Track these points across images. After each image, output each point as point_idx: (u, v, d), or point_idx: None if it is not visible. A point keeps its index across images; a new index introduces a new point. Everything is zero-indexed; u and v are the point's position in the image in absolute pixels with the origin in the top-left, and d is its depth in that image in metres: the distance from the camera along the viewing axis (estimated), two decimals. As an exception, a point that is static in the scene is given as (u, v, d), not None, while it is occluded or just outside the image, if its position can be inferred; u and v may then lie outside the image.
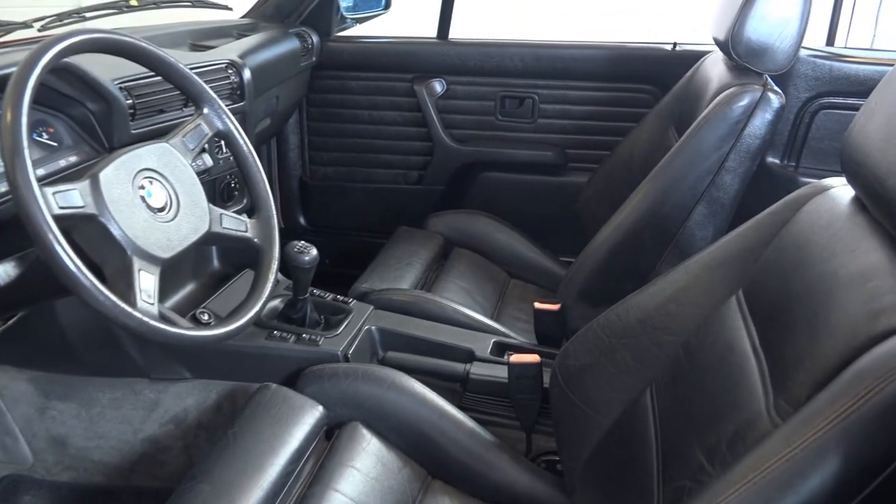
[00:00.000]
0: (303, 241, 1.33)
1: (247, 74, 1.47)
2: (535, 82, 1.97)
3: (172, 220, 0.99)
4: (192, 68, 1.34)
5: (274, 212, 1.15)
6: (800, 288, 0.79)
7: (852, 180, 0.82)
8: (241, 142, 1.14)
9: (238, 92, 1.46)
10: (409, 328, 1.43)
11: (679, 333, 1.00)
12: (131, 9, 1.74)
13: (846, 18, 1.78)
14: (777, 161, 1.76)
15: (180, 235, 0.99)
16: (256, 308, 1.06)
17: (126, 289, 0.88)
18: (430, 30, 2.04)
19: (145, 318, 0.86)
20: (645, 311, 1.06)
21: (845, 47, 1.75)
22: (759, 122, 1.26)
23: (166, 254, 0.95)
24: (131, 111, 1.20)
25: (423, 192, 2.12)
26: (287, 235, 2.24)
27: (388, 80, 2.03)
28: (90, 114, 1.16)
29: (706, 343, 0.94)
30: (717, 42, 1.43)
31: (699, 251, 1.35)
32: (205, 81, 1.36)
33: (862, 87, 1.64)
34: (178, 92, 1.29)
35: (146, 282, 0.91)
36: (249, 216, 1.15)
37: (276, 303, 1.47)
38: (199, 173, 1.19)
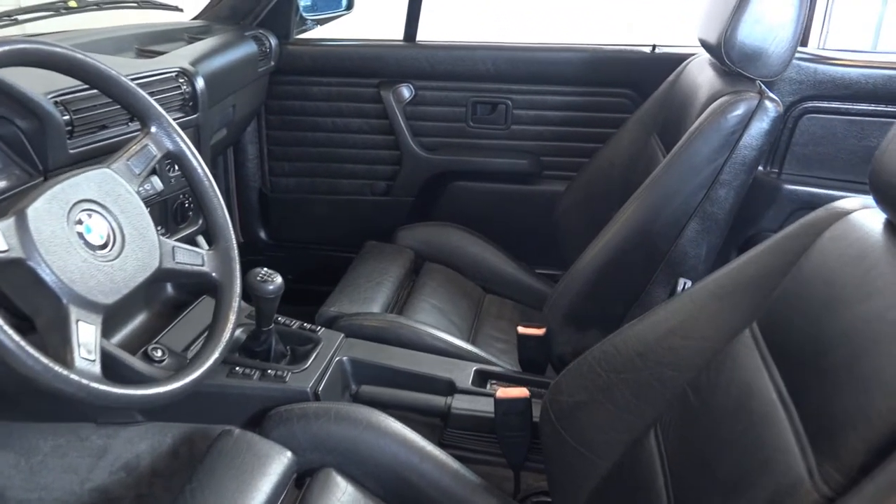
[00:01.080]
0: (266, 269, 1.21)
1: (200, 83, 1.34)
2: (509, 87, 1.87)
3: (116, 258, 0.87)
4: (138, 78, 1.23)
5: (234, 242, 1.03)
6: (835, 331, 0.71)
7: (885, 204, 0.74)
8: (195, 163, 1.02)
9: (191, 103, 1.33)
10: (383, 358, 1.32)
11: (685, 369, 0.91)
12: (70, 11, 1.60)
13: (830, 19, 1.72)
14: (759, 168, 1.69)
15: (126, 276, 0.87)
16: (216, 356, 0.94)
17: (61, 344, 0.76)
18: (396, 32, 1.93)
19: (84, 381, 0.74)
20: (645, 344, 0.98)
21: (825, 48, 1.69)
22: (756, 132, 1.19)
23: (109, 299, 0.83)
24: (68, 128, 1.07)
25: (391, 203, 2.00)
26: (247, 251, 2.14)
27: (352, 85, 1.91)
28: (20, 132, 1.02)
29: (719, 382, 0.85)
30: (707, 46, 1.35)
31: (692, 269, 1.28)
32: (153, 92, 1.25)
33: (848, 91, 1.58)
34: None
35: (86, 334, 0.79)
36: (208, 243, 1.03)
37: (237, 333, 1.34)
38: (147, 199, 1.07)
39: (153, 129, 0.98)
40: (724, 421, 0.81)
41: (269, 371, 1.23)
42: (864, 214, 0.80)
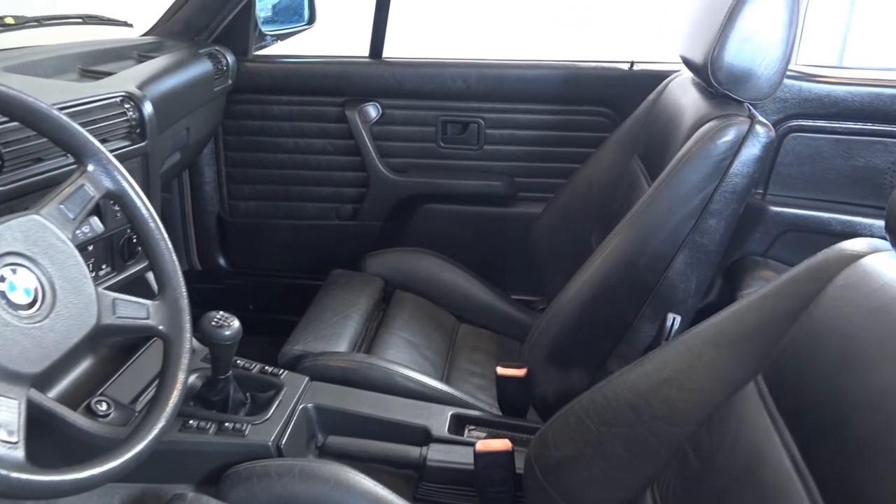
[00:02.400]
0: (222, 312, 1.11)
1: (147, 108, 1.23)
2: (481, 105, 1.79)
3: (45, 318, 0.76)
4: (77, 105, 1.12)
5: (184, 290, 0.92)
6: (857, 397, 0.63)
7: None
8: (139, 203, 0.91)
9: (138, 130, 1.22)
10: (351, 403, 1.22)
11: (682, 424, 0.84)
12: (6, 28, 1.47)
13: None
14: None
15: (56, 338, 0.76)
16: (161, 424, 0.84)
17: (-27, 429, 0.65)
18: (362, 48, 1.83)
19: (2, 471, 0.63)
20: (638, 395, 0.90)
21: (808, 65, 1.63)
22: (747, 159, 1.11)
23: (37, 367, 0.73)
24: None
25: (358, 228, 1.90)
26: (206, 279, 2.02)
27: (315, 104, 1.81)
28: None
29: (723, 442, 0.78)
30: (691, 66, 1.27)
31: (681, 303, 1.21)
32: (95, 120, 1.14)
33: (833, 110, 1.52)
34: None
35: (7, 412, 0.68)
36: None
37: (192, 379, 1.24)
38: (84, 244, 0.96)
39: (90, 168, 0.87)
40: (731, 489, 0.73)
41: (227, 424, 1.12)
42: (878, 259, 0.73)
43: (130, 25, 1.73)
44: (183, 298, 0.92)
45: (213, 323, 1.09)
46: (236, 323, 1.10)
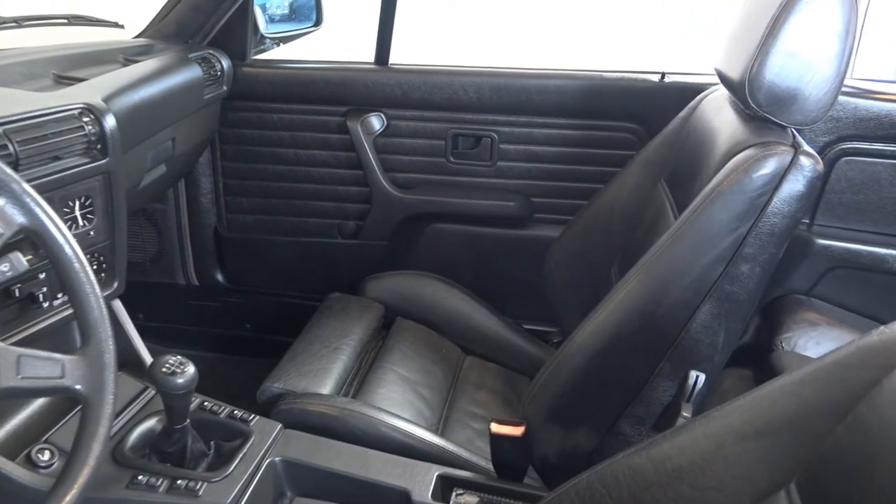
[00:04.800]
0: (178, 357, 0.98)
1: (109, 122, 1.10)
2: (494, 118, 1.63)
3: (-78, 384, 0.63)
4: (26, 118, 1.00)
5: (111, 343, 0.79)
6: None
7: None
8: (61, 240, 0.78)
9: (98, 146, 1.10)
10: (326, 458, 1.09)
11: None
12: (-21, 29, 1.37)
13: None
14: None
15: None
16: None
17: None
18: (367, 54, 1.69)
19: None
20: (644, 486, 0.73)
21: (866, 79, 1.44)
22: (788, 196, 0.94)
23: None
24: None
25: (359, 247, 1.76)
26: (202, 296, 1.90)
27: (316, 113, 1.67)
28: None
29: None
30: (727, 83, 1.10)
31: (705, 360, 1.03)
32: (48, 135, 1.02)
33: (894, 131, 1.33)
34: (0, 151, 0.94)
35: None
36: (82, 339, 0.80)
37: (152, 423, 1.11)
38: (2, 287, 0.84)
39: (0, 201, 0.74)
40: None
41: (180, 481, 1.00)
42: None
43: (122, 27, 1.62)
44: (109, 353, 0.79)
45: (165, 369, 0.96)
46: (191, 369, 0.97)
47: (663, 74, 1.56)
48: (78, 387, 0.76)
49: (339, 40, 2.08)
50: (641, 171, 1.37)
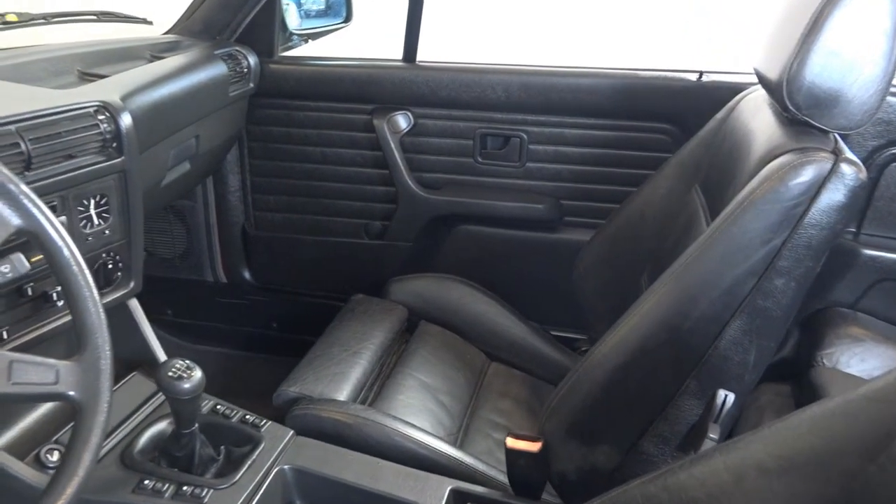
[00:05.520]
0: (186, 361, 0.96)
1: (125, 121, 1.09)
2: (524, 118, 1.58)
3: None
4: (39, 116, 0.99)
5: (107, 350, 0.77)
6: None
7: None
8: (59, 243, 0.76)
9: (113, 144, 1.08)
10: (337, 468, 1.06)
11: None
12: (8, 26, 1.37)
13: None
14: None
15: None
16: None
17: None
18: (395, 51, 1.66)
19: None
20: None
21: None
22: (827, 206, 0.87)
23: None
24: None
25: (385, 248, 1.73)
26: (230, 293, 1.89)
27: (342, 111, 1.64)
28: None
29: None
30: (765, 83, 1.04)
31: (735, 379, 0.97)
32: (61, 133, 1.01)
33: None
34: (11, 150, 0.93)
35: None
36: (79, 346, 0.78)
37: (162, 425, 1.10)
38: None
39: (-5, 201, 0.73)
40: None
41: (186, 487, 0.98)
42: None
43: (150, 23, 1.61)
44: (104, 359, 0.77)
45: (172, 373, 0.95)
46: (198, 374, 0.95)
47: (701, 73, 1.49)
48: (72, 393, 0.74)
49: (368, 37, 2.04)
50: (675, 174, 1.31)
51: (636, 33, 3.75)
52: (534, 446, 1.04)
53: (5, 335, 0.97)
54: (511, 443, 1.05)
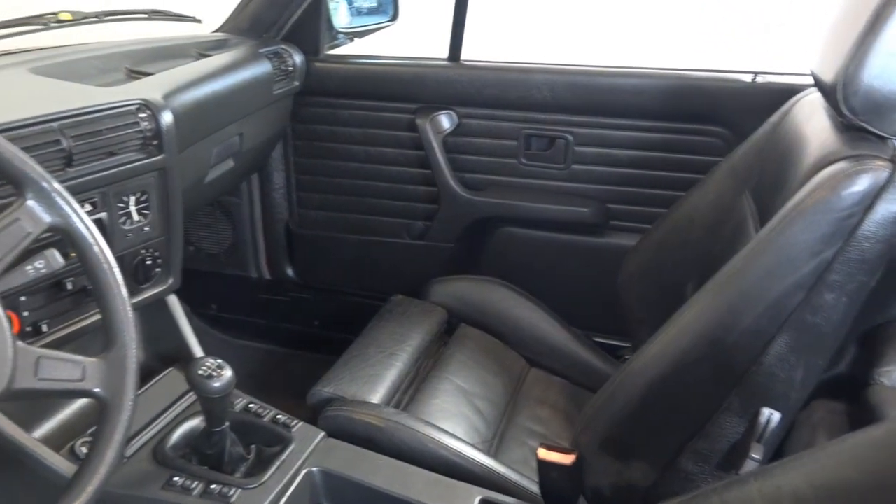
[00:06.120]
0: (217, 360, 0.96)
1: (166, 119, 1.10)
2: (570, 118, 1.54)
3: (-70, 384, 0.63)
4: (82, 114, 1.00)
5: (133, 348, 0.78)
6: None
7: None
8: (90, 240, 0.77)
9: (154, 142, 1.09)
10: (365, 471, 1.04)
11: None
12: (62, 24, 1.41)
13: None
14: None
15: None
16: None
17: None
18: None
19: None
20: None
21: None
22: (884, 218, 0.82)
23: None
24: None
25: (426, 249, 1.72)
26: (273, 290, 1.90)
27: (386, 109, 1.64)
28: None
29: None
30: (821, 86, 0.98)
31: (780, 398, 0.93)
32: (103, 130, 1.02)
33: None
34: (53, 147, 0.95)
35: None
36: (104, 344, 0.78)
37: (195, 422, 1.11)
38: (32, 281, 0.84)
39: (29, 200, 0.74)
40: None
41: (214, 486, 0.98)
42: None
43: (199, 21, 1.63)
44: (131, 357, 0.77)
45: (202, 371, 0.95)
46: (228, 373, 0.95)
47: (755, 74, 1.43)
48: (97, 390, 0.75)
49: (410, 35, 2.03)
50: (725, 179, 1.26)
51: (690, 33, 3.66)
52: (567, 459, 1.00)
53: (45, 328, 0.99)
54: (543, 454, 1.02)
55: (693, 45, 3.55)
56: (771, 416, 0.91)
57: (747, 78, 1.43)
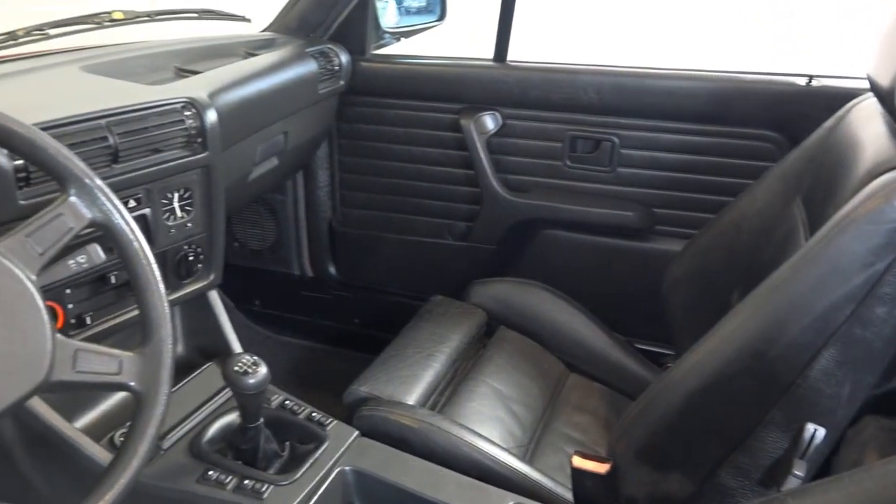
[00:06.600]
0: (253, 357, 0.97)
1: (211, 117, 1.12)
2: (616, 121, 1.51)
3: (-30, 374, 0.65)
4: (129, 111, 1.02)
5: (169, 343, 0.79)
6: None
7: None
8: (130, 236, 0.78)
9: (198, 140, 1.11)
10: (397, 473, 1.04)
11: None
12: (115, 23, 1.44)
13: None
14: None
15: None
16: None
17: None
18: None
19: None
20: None
21: None
22: None
23: None
24: (22, 175, 0.87)
25: (467, 250, 1.71)
26: (316, 287, 1.92)
27: (430, 110, 1.63)
28: None
29: None
30: (877, 91, 0.94)
31: (826, 413, 0.89)
32: (149, 127, 1.04)
33: None
34: (100, 143, 0.97)
35: None
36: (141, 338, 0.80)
37: (232, 417, 1.12)
38: (74, 275, 0.85)
39: (72, 195, 0.75)
40: None
41: (247, 481, 0.99)
42: None
43: (248, 20, 1.65)
44: (167, 352, 0.78)
45: (237, 368, 0.96)
46: (263, 370, 0.96)
47: (811, 77, 1.38)
48: (132, 384, 0.76)
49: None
50: (776, 185, 1.22)
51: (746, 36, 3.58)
52: (601, 467, 0.99)
53: (88, 320, 1.01)
54: (578, 462, 1.00)
55: (716, 32, 3.47)
56: (815, 431, 0.87)
57: (802, 81, 1.38)
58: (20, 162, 0.87)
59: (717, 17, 3.63)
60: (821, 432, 0.88)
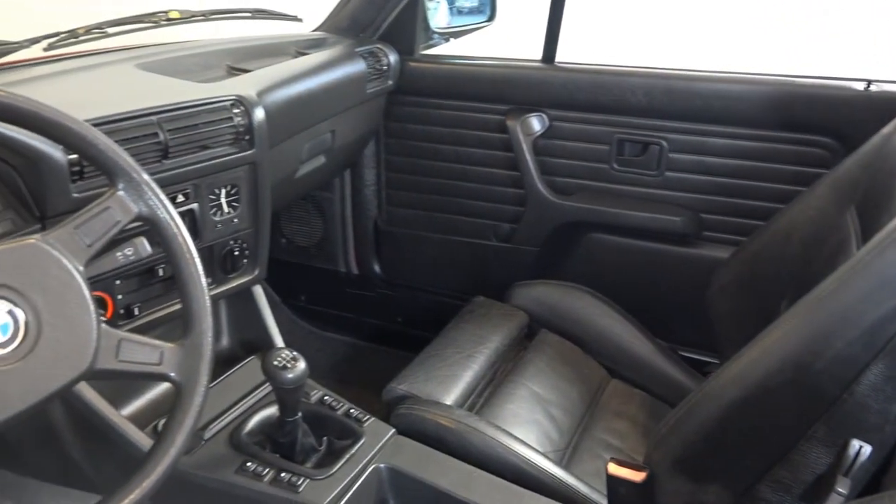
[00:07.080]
0: (292, 352, 0.99)
1: (258, 115, 1.14)
2: (665, 124, 1.49)
3: (21, 358, 0.67)
4: (180, 108, 1.05)
5: (209, 336, 0.80)
6: None
7: None
8: (174, 230, 0.81)
9: (246, 137, 1.13)
10: (433, 472, 1.05)
11: None
12: (171, 22, 1.47)
13: None
14: None
15: (26, 386, 0.67)
16: (141, 487, 0.72)
17: None
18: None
19: None
20: None
21: None
22: None
23: None
24: (76, 169, 0.91)
25: (511, 251, 1.70)
26: (361, 285, 1.94)
27: (477, 110, 1.63)
28: (15, 173, 0.89)
29: None
30: None
31: (873, 430, 0.86)
32: (199, 124, 1.07)
33: None
34: (151, 139, 1.00)
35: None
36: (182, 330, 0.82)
37: (272, 410, 1.14)
38: (121, 267, 0.88)
39: (120, 189, 0.78)
40: None
41: (284, 474, 1.01)
42: None
43: (300, 20, 1.68)
44: (206, 344, 0.80)
45: (277, 362, 0.97)
46: (301, 364, 0.98)
47: (869, 82, 1.33)
48: (173, 374, 0.78)
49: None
50: (829, 193, 1.18)
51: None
52: (637, 476, 0.97)
53: (136, 311, 1.04)
54: (613, 469, 0.99)
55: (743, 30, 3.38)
56: (861, 448, 0.85)
57: (860, 86, 1.34)
58: (74, 156, 0.90)
59: (740, 18, 3.54)
60: (866, 449, 0.85)
